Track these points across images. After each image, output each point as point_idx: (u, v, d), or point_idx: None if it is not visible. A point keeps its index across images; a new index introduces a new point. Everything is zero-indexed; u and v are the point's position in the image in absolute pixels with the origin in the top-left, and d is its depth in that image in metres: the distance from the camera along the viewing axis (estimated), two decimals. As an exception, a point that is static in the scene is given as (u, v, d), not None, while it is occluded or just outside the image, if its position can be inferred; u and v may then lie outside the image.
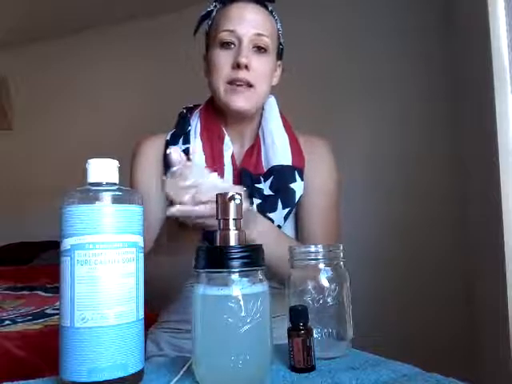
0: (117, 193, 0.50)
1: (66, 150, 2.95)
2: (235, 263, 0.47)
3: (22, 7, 2.68)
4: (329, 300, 0.57)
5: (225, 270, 0.47)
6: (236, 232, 0.51)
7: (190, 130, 0.91)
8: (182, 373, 0.52)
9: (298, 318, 0.54)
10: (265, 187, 0.85)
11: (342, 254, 0.61)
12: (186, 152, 0.85)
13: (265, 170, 0.87)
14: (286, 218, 0.85)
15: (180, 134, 0.91)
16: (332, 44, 2.30)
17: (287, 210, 0.84)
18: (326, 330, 0.57)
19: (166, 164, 0.86)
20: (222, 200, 0.51)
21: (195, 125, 0.91)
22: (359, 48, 2.25)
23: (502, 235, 1.10)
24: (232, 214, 0.51)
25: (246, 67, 0.81)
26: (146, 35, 2.81)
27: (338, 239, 0.88)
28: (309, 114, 2.06)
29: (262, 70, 0.83)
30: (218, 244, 0.51)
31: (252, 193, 0.82)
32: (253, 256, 0.48)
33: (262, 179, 0.86)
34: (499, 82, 1.07)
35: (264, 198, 0.84)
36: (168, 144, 0.90)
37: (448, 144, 2.02)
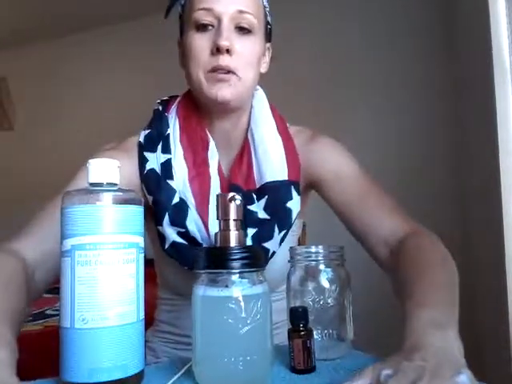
0: (117, 193, 0.49)
1: (67, 150, 2.95)
2: (235, 264, 0.47)
3: (22, 8, 2.68)
4: (329, 301, 0.57)
5: (225, 270, 0.47)
6: (236, 233, 0.51)
7: (169, 134, 0.76)
8: (181, 373, 0.52)
9: (299, 319, 0.54)
10: (258, 209, 0.73)
11: (342, 255, 0.60)
12: (168, 165, 0.73)
13: (257, 184, 0.74)
14: (281, 242, 0.73)
15: (157, 138, 0.76)
16: (332, 43, 2.30)
17: (283, 233, 0.73)
18: (326, 331, 0.57)
19: (143, 177, 0.74)
20: (223, 201, 0.51)
21: (173, 125, 0.77)
22: (360, 47, 2.25)
23: (502, 235, 1.10)
24: (232, 215, 0.51)
25: (228, 51, 0.68)
26: (147, 34, 2.80)
27: (403, 210, 0.71)
28: (308, 112, 2.05)
29: (246, 53, 0.70)
30: (219, 245, 0.51)
31: (244, 218, 0.63)
32: (253, 257, 0.48)
33: (255, 197, 0.73)
34: (500, 82, 1.07)
35: (259, 224, 0.72)
36: (142, 148, 0.75)
37: (448, 144, 2.02)
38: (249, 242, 0.70)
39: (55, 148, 3.07)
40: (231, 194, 0.51)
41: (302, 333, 0.53)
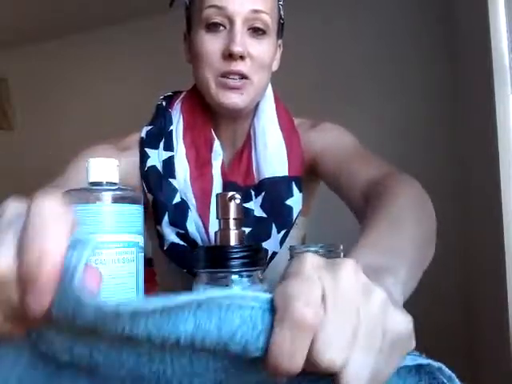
0: (117, 192, 0.49)
1: (67, 150, 2.94)
2: (235, 263, 0.47)
3: (21, 7, 2.68)
4: (329, 300, 0.57)
5: (225, 270, 0.47)
6: (236, 232, 0.51)
7: (172, 131, 0.73)
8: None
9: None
10: (255, 206, 0.70)
11: (342, 254, 0.60)
12: (170, 163, 0.70)
13: (256, 180, 0.71)
14: (282, 242, 0.69)
15: (159, 134, 0.73)
16: (333, 42, 2.30)
17: (283, 232, 0.69)
18: (326, 330, 0.57)
19: (143, 174, 0.71)
20: (222, 200, 0.51)
21: (176, 122, 0.74)
22: (359, 47, 2.25)
23: (502, 235, 1.10)
24: (232, 214, 0.51)
25: (241, 57, 0.64)
26: (147, 35, 2.81)
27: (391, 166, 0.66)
28: (308, 111, 2.05)
29: (261, 58, 0.66)
30: (218, 244, 0.51)
31: None
32: (253, 256, 0.48)
33: (253, 193, 0.70)
34: (499, 82, 1.08)
35: (255, 222, 0.68)
36: (143, 144, 0.73)
37: (448, 144, 2.02)
38: None
39: (55, 148, 3.07)
40: (231, 193, 0.51)
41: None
